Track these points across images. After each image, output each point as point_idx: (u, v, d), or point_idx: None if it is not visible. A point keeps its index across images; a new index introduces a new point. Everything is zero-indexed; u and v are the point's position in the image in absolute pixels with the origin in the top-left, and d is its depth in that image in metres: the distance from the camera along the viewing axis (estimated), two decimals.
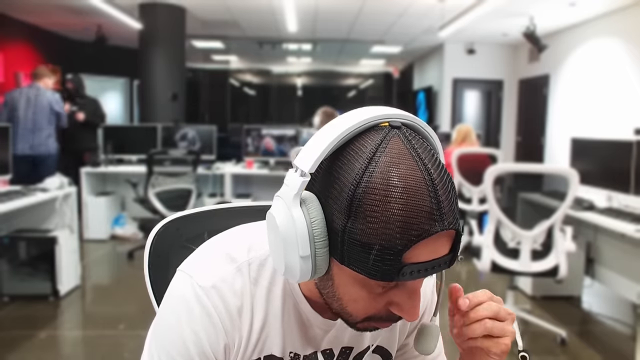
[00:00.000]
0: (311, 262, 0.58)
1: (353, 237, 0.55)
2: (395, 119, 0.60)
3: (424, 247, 0.55)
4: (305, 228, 0.58)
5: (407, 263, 0.55)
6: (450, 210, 0.56)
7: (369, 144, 0.57)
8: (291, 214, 0.58)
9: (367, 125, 0.59)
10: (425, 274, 0.56)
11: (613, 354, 2.82)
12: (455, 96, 9.08)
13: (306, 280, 0.60)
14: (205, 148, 5.36)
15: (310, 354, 0.74)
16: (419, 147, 0.58)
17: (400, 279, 0.56)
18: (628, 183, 3.06)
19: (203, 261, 0.70)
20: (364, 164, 0.56)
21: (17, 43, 7.28)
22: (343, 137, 0.58)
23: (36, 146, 4.87)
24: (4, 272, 3.40)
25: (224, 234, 0.75)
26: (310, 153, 0.58)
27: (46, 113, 4.91)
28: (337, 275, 0.61)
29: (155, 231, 0.85)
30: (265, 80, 14.60)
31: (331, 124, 0.60)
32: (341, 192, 0.57)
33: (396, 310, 0.62)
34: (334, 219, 0.57)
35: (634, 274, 3.01)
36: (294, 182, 0.58)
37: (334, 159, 0.59)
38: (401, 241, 0.54)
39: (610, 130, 6.02)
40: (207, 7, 6.78)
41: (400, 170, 0.55)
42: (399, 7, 6.60)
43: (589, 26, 6.80)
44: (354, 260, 0.56)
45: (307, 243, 0.58)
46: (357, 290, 0.60)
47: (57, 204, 3.55)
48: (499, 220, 2.77)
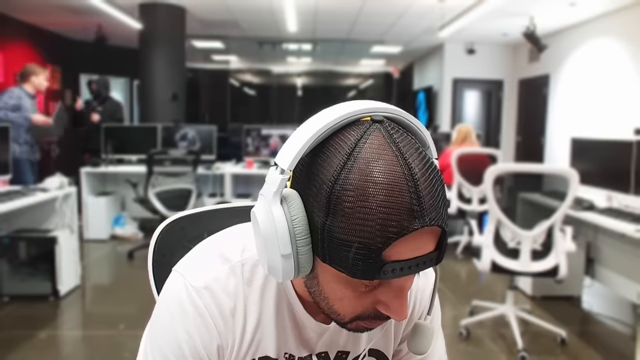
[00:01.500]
0: (293, 261, 0.57)
1: (332, 234, 0.54)
2: (376, 112, 0.58)
3: (404, 245, 0.53)
4: (285, 226, 0.57)
5: (388, 261, 0.53)
6: (433, 206, 0.54)
7: (349, 139, 0.56)
8: (271, 212, 0.57)
9: (347, 120, 0.58)
10: (408, 272, 0.55)
11: (613, 354, 2.82)
12: (455, 96, 9.08)
13: (290, 279, 0.59)
14: (205, 148, 5.36)
15: (305, 356, 0.73)
16: (401, 141, 0.56)
17: (381, 277, 0.54)
18: (628, 183, 3.06)
19: (196, 261, 0.70)
20: (343, 160, 0.55)
21: (17, 43, 7.28)
22: (322, 133, 0.57)
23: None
24: (4, 272, 3.40)
25: (219, 234, 0.75)
26: (289, 150, 0.57)
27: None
28: (321, 274, 0.60)
29: (159, 230, 0.84)
30: (265, 80, 14.59)
31: (311, 120, 0.59)
32: (320, 189, 0.55)
33: (383, 309, 0.60)
34: (314, 216, 0.56)
35: (634, 274, 3.01)
36: (274, 179, 0.57)
37: (314, 156, 0.58)
38: (380, 238, 0.52)
39: (610, 130, 6.02)
40: (207, 7, 6.78)
41: (379, 166, 0.53)
42: (399, 7, 6.61)
43: (589, 26, 6.81)
44: (335, 258, 0.55)
45: (287, 242, 0.57)
46: (341, 288, 0.59)
47: (57, 204, 3.55)
48: (499, 220, 2.78)
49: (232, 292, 0.67)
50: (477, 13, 5.65)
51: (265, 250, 0.59)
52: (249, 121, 10.47)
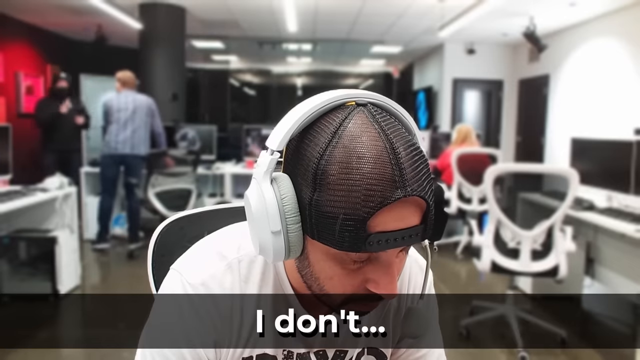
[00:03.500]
0: (283, 239, 0.59)
1: (319, 208, 0.56)
2: (361, 97, 0.61)
3: (388, 214, 0.55)
4: (275, 203, 0.58)
5: (373, 232, 0.55)
6: (416, 178, 0.56)
7: (334, 120, 0.59)
8: (262, 190, 0.59)
9: (333, 104, 0.60)
10: (394, 245, 0.56)
11: (613, 354, 2.82)
12: (455, 96, 9.07)
13: (281, 259, 0.61)
14: (205, 148, 5.36)
15: (303, 353, 0.73)
16: (384, 122, 0.59)
17: (367, 248, 0.56)
18: (628, 183, 3.06)
19: (194, 259, 0.71)
20: (328, 138, 0.57)
21: (17, 43, 7.28)
22: (309, 115, 0.60)
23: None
24: (4, 272, 3.40)
25: (216, 233, 0.76)
26: (278, 132, 0.60)
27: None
28: (311, 253, 0.61)
29: (159, 230, 0.85)
30: (265, 80, 14.59)
31: (299, 105, 0.62)
32: (307, 167, 0.58)
33: (373, 287, 0.61)
34: (302, 194, 0.58)
35: (634, 274, 3.01)
36: (264, 160, 0.60)
37: (301, 138, 0.61)
38: (364, 209, 0.54)
39: (610, 130, 6.02)
40: (207, 7, 6.78)
41: (362, 142, 0.56)
42: (399, 7, 6.60)
43: (589, 26, 6.80)
44: (322, 233, 0.57)
45: (277, 218, 0.58)
46: (331, 266, 0.61)
47: (57, 204, 3.55)
48: (499, 220, 2.78)
49: (228, 289, 0.68)
50: (477, 13, 5.65)
51: (256, 229, 0.60)
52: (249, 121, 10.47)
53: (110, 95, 4.77)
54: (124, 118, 4.56)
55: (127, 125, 4.57)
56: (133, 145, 4.58)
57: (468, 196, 4.49)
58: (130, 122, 4.58)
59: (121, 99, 4.62)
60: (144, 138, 4.67)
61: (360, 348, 0.77)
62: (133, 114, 4.60)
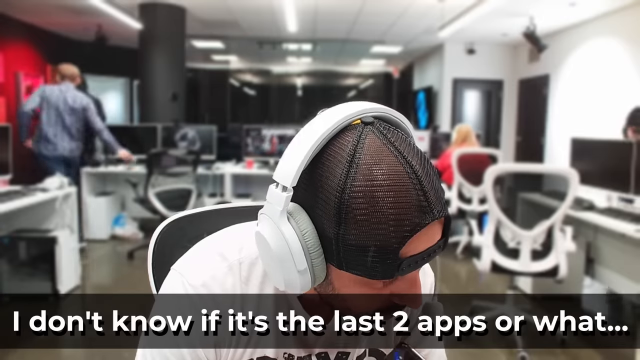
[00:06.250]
0: (309, 274, 0.59)
1: (348, 242, 0.56)
2: (365, 114, 0.60)
3: (418, 240, 0.56)
4: (298, 243, 0.58)
5: (405, 258, 0.56)
6: (438, 199, 0.57)
7: (346, 146, 0.57)
8: (281, 231, 0.58)
9: (340, 127, 0.59)
10: (422, 263, 0.58)
11: (613, 354, 2.82)
12: (455, 96, 9.08)
13: (307, 290, 0.61)
14: (205, 148, 5.36)
15: (304, 356, 0.73)
16: (396, 139, 0.58)
17: (400, 274, 0.57)
18: (628, 183, 3.06)
19: (194, 260, 0.71)
20: (345, 168, 0.56)
21: (17, 43, 7.28)
22: (318, 144, 0.58)
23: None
24: (4, 272, 3.40)
25: (217, 233, 0.76)
26: (289, 166, 0.58)
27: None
28: (336, 279, 0.61)
29: (159, 230, 0.85)
30: (265, 80, 14.59)
31: (304, 131, 0.60)
32: (328, 200, 0.56)
33: (399, 300, 0.63)
34: (324, 227, 0.57)
35: (634, 274, 3.01)
36: (278, 198, 0.58)
37: (313, 167, 0.59)
38: (396, 239, 0.54)
39: (610, 130, 6.02)
40: (207, 7, 6.78)
41: (382, 169, 0.55)
42: (399, 7, 6.61)
43: (589, 26, 6.80)
44: (352, 264, 0.57)
45: (302, 257, 0.58)
46: (358, 289, 0.61)
47: (57, 204, 3.55)
48: (499, 220, 2.77)
49: (229, 290, 0.68)
50: (477, 13, 5.65)
51: (280, 269, 0.60)
52: (249, 121, 10.47)
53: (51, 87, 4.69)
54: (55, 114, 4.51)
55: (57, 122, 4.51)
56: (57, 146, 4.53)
57: (468, 196, 4.49)
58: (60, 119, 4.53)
59: (56, 93, 4.54)
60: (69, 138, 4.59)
61: (362, 349, 0.77)
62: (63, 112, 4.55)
